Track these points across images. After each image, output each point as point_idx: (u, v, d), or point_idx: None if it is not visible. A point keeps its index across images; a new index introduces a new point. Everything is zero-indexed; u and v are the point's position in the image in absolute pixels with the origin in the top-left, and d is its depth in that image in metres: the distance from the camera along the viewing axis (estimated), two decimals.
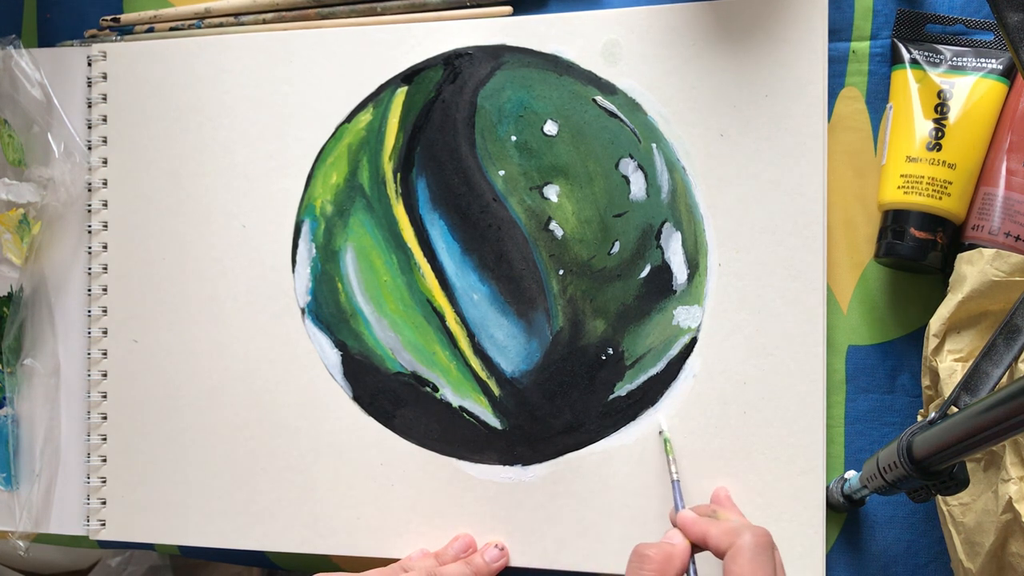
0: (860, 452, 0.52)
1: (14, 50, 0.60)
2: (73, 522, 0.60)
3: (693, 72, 0.53)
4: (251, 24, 0.59)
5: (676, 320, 0.52)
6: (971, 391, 0.41)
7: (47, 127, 0.61)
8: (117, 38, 0.61)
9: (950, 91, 0.49)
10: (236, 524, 0.57)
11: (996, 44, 0.49)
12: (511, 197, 0.54)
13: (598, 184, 0.54)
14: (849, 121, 0.53)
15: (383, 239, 0.56)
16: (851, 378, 0.52)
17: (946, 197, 0.48)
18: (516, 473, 0.54)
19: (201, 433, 0.58)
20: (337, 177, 0.57)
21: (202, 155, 0.59)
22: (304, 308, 0.57)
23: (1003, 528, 0.43)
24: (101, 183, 0.60)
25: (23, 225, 0.60)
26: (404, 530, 0.55)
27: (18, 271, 0.61)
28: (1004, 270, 0.45)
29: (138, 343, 0.59)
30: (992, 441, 0.35)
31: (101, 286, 0.60)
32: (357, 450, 0.56)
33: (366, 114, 0.56)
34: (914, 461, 0.40)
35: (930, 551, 0.51)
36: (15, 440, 0.61)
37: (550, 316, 0.54)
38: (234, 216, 0.58)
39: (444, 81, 0.55)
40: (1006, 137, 0.48)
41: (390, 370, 0.56)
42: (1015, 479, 0.42)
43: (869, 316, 0.52)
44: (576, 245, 0.54)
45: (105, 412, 0.59)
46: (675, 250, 0.53)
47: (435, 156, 0.55)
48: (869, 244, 0.52)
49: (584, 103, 0.54)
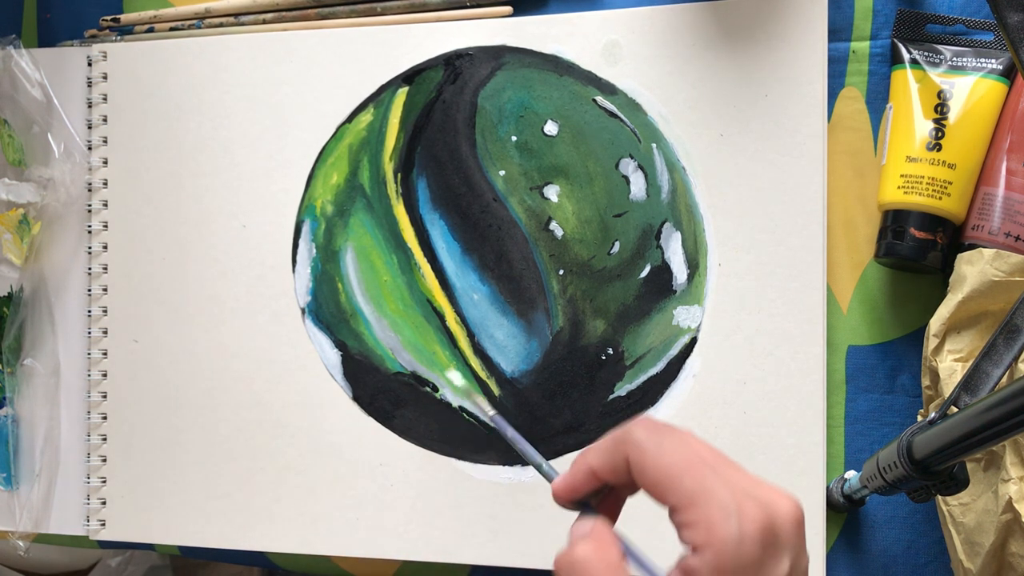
0: (860, 452, 0.52)
1: (14, 50, 0.60)
2: (73, 522, 0.60)
3: (693, 72, 0.53)
4: (251, 24, 0.59)
5: (676, 320, 0.52)
6: (971, 391, 0.41)
7: (47, 127, 0.61)
8: (117, 38, 0.61)
9: (950, 91, 0.49)
10: (236, 524, 0.57)
11: (996, 44, 0.49)
12: (511, 197, 0.54)
13: (598, 184, 0.54)
14: (849, 121, 0.53)
15: (383, 239, 0.56)
16: (851, 378, 0.52)
17: (946, 197, 0.48)
18: (516, 473, 0.54)
19: (201, 433, 0.58)
20: (337, 177, 0.57)
21: (202, 155, 0.59)
22: (304, 308, 0.57)
23: (1003, 528, 0.43)
24: (101, 183, 0.60)
25: (23, 225, 0.60)
26: (404, 530, 0.55)
27: (18, 271, 0.61)
28: (1004, 270, 0.45)
29: (138, 343, 0.59)
30: (992, 441, 0.35)
31: (101, 286, 0.60)
32: (357, 450, 0.56)
33: (367, 114, 0.56)
34: (914, 461, 0.40)
35: (930, 551, 0.51)
36: (15, 440, 0.61)
37: (550, 316, 0.54)
38: (234, 216, 0.58)
39: (445, 81, 0.55)
40: (1006, 137, 0.48)
41: (390, 370, 0.56)
42: (1015, 479, 0.42)
43: (869, 316, 0.52)
44: (576, 245, 0.54)
45: (105, 412, 0.59)
46: (675, 250, 0.53)
47: (435, 156, 0.55)
48: (869, 244, 0.52)
49: (584, 103, 0.54)
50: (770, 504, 0.30)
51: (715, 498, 0.29)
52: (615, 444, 0.32)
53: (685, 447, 0.31)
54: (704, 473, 0.30)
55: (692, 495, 0.29)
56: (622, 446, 0.31)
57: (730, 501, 0.29)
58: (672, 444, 0.31)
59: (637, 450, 0.31)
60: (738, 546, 0.28)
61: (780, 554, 0.29)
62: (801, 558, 0.30)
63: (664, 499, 0.30)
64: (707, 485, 0.29)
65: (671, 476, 0.30)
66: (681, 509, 0.30)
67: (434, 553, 0.54)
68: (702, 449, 0.31)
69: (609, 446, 0.32)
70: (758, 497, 0.30)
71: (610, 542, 0.31)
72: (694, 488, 0.29)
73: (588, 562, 0.31)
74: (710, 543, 0.29)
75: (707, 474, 0.30)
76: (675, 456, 0.30)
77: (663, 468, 0.30)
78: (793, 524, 0.30)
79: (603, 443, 0.32)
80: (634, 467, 0.31)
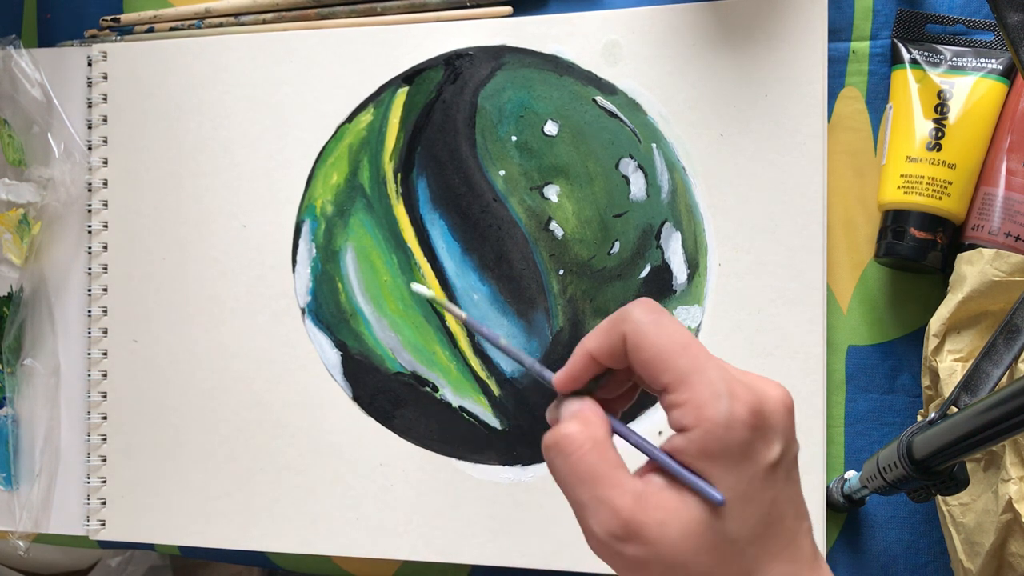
0: (860, 452, 0.52)
1: (14, 50, 0.60)
2: (73, 522, 0.60)
3: (693, 72, 0.53)
4: (251, 24, 0.59)
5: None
6: (971, 391, 0.41)
7: (47, 127, 0.61)
8: (117, 38, 0.61)
9: (950, 91, 0.49)
10: (236, 524, 0.57)
11: (996, 44, 0.49)
12: (511, 197, 0.54)
13: (598, 184, 0.54)
14: (849, 121, 0.53)
15: (383, 239, 0.56)
16: (851, 378, 0.52)
17: (946, 197, 0.48)
18: (516, 473, 0.54)
19: (201, 433, 0.58)
20: (337, 177, 0.57)
21: (202, 155, 0.59)
22: (304, 308, 0.57)
23: (1003, 528, 0.43)
24: (101, 183, 0.60)
25: (23, 225, 0.60)
26: (404, 530, 0.55)
27: (18, 271, 0.61)
28: (1004, 270, 0.45)
29: (138, 343, 0.59)
30: (992, 441, 0.35)
31: (101, 286, 0.60)
32: (357, 450, 0.56)
33: (367, 114, 0.56)
34: (914, 461, 0.40)
35: (930, 551, 0.51)
36: (15, 440, 0.61)
37: (550, 316, 0.54)
38: (234, 216, 0.58)
39: (445, 81, 0.55)
40: (1006, 137, 0.48)
41: (390, 370, 0.56)
42: (1015, 479, 0.42)
43: (869, 316, 0.52)
44: (576, 245, 0.54)
45: (105, 412, 0.59)
46: (675, 250, 0.53)
47: (435, 156, 0.55)
48: (869, 244, 0.52)
49: (584, 103, 0.54)
50: (761, 390, 0.30)
51: (706, 378, 0.29)
52: (612, 324, 0.31)
53: (682, 328, 0.30)
54: (697, 354, 0.29)
55: (684, 374, 0.29)
56: (620, 325, 0.31)
57: (721, 383, 0.29)
58: (670, 324, 0.30)
59: (634, 328, 0.30)
60: (727, 428, 0.28)
61: (770, 438, 0.29)
62: (792, 445, 0.30)
63: (657, 379, 0.30)
64: (700, 365, 0.29)
65: (665, 354, 0.30)
66: (672, 389, 0.29)
67: (434, 553, 0.54)
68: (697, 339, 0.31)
69: (607, 326, 0.31)
70: (749, 384, 0.30)
71: (597, 420, 0.31)
72: (687, 367, 0.29)
73: (573, 438, 0.31)
74: (699, 423, 0.29)
75: (700, 355, 0.29)
76: (672, 336, 0.30)
77: (659, 346, 0.30)
78: (784, 410, 0.30)
79: (601, 325, 0.32)
80: (630, 345, 0.30)
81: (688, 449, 0.29)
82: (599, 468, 0.30)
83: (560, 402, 0.33)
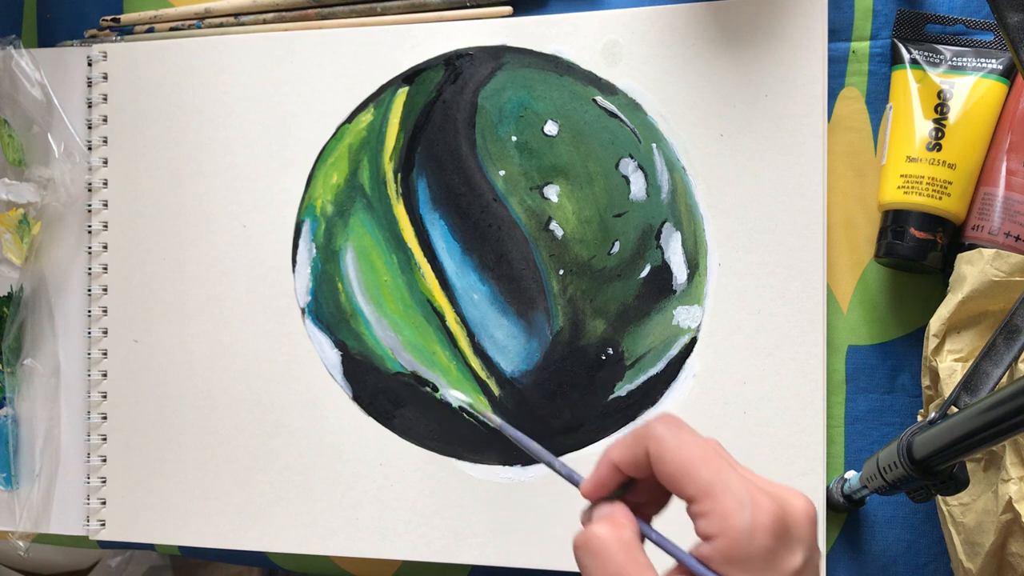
0: (860, 452, 0.52)
1: (14, 50, 0.60)
2: (73, 522, 0.60)
3: (693, 72, 0.53)
4: (251, 24, 0.59)
5: (676, 320, 0.52)
6: (971, 391, 0.41)
7: (47, 127, 0.61)
8: (117, 38, 0.61)
9: (950, 91, 0.49)
10: (236, 524, 0.57)
11: (996, 44, 0.49)
12: (511, 197, 0.54)
13: (598, 184, 0.54)
14: (849, 121, 0.53)
15: (383, 239, 0.56)
16: (851, 378, 0.52)
17: (946, 197, 0.48)
18: (516, 473, 0.54)
19: (201, 433, 0.58)
20: (338, 177, 0.57)
21: (202, 155, 0.59)
22: (304, 308, 0.57)
23: (1003, 528, 0.43)
24: (101, 183, 0.60)
25: (23, 225, 0.60)
26: (404, 530, 0.55)
27: (18, 271, 0.61)
28: (1004, 270, 0.45)
29: (138, 343, 0.59)
30: (992, 441, 0.35)
31: (101, 286, 0.60)
32: (356, 450, 0.56)
33: (367, 114, 0.56)
34: (914, 461, 0.40)
35: (930, 551, 0.51)
36: (15, 440, 0.61)
37: (550, 316, 0.54)
38: (234, 216, 0.58)
39: (445, 81, 0.55)
40: (1006, 137, 0.48)
41: (390, 370, 0.56)
42: (1015, 479, 0.42)
43: (869, 316, 0.52)
44: (576, 245, 0.54)
45: (105, 412, 0.59)
46: (675, 250, 0.53)
47: (436, 156, 0.55)
48: (869, 244, 0.52)
49: (584, 103, 0.54)
50: (783, 499, 0.31)
51: (729, 489, 0.30)
52: (636, 439, 0.33)
53: (703, 442, 0.32)
54: (720, 466, 0.31)
55: (708, 486, 0.30)
56: (643, 440, 0.32)
57: (744, 493, 0.30)
58: (690, 438, 0.32)
59: (657, 443, 0.32)
60: (750, 536, 0.29)
61: (793, 547, 0.30)
62: (815, 554, 0.31)
63: (682, 490, 0.31)
64: (723, 477, 0.30)
65: (689, 467, 0.31)
66: (697, 500, 0.30)
67: (434, 553, 0.54)
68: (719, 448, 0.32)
69: (630, 441, 0.33)
70: (772, 493, 0.31)
71: (626, 522, 0.32)
72: (710, 479, 0.30)
73: (603, 539, 0.32)
74: (723, 532, 0.30)
75: (723, 467, 0.31)
76: (693, 449, 0.31)
77: (681, 460, 0.31)
78: (806, 520, 0.31)
79: (625, 438, 0.33)
80: (654, 459, 0.32)
81: (714, 557, 0.30)
82: (627, 569, 0.31)
83: (593, 505, 0.34)
